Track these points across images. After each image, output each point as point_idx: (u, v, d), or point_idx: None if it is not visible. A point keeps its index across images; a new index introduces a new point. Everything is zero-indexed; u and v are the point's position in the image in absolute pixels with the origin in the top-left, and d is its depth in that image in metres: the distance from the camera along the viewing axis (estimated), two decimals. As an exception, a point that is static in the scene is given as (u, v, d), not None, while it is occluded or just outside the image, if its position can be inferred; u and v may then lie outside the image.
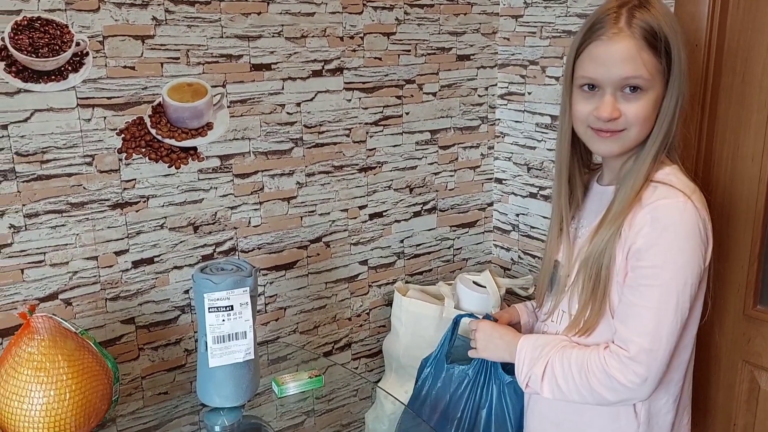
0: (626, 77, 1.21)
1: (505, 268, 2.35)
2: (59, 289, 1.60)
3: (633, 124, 1.24)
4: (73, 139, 1.55)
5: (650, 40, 1.20)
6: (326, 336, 2.07)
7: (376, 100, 1.98)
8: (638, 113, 1.23)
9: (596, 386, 1.27)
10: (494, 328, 1.50)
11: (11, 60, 1.45)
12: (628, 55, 1.20)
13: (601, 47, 1.22)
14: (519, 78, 2.16)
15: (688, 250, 1.22)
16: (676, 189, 1.24)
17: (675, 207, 1.22)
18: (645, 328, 1.23)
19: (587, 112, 1.27)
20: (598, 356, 1.28)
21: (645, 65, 1.21)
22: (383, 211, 2.08)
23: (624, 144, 1.27)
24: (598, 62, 1.23)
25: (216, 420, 1.48)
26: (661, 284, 1.22)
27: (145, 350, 1.75)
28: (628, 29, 1.20)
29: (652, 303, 1.22)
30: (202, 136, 1.71)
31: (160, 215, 1.70)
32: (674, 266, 1.21)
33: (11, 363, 1.33)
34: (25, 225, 1.53)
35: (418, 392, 1.67)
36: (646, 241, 1.22)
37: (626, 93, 1.23)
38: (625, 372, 1.24)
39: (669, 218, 1.21)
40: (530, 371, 1.35)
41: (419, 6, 1.99)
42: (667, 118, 1.25)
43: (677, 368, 1.34)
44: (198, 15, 1.65)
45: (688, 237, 1.22)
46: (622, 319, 1.27)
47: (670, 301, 1.22)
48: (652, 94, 1.23)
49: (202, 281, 1.44)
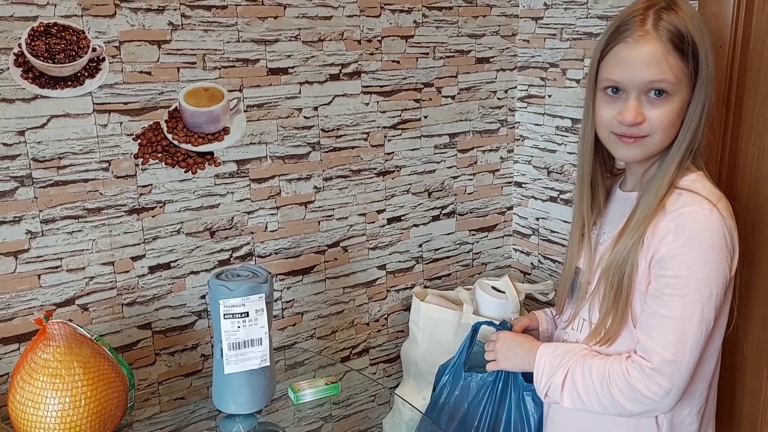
0: (651, 81, 1.18)
1: (525, 273, 2.32)
2: (76, 295, 1.60)
3: (657, 130, 1.22)
4: (89, 145, 1.55)
5: (677, 43, 1.17)
6: (344, 341, 2.05)
7: (394, 104, 1.96)
8: (663, 119, 1.20)
9: (618, 397, 1.24)
10: (513, 337, 1.48)
11: (28, 66, 1.45)
12: (654, 58, 1.17)
13: (626, 49, 1.20)
14: (539, 80, 2.13)
15: (714, 260, 1.19)
16: (701, 196, 1.21)
17: (700, 215, 1.19)
18: (668, 339, 1.20)
19: (611, 116, 1.24)
20: (620, 366, 1.25)
21: (671, 69, 1.18)
22: (402, 216, 2.07)
23: (647, 150, 1.25)
24: (623, 65, 1.20)
25: (232, 427, 1.48)
26: (686, 294, 1.19)
27: (161, 355, 1.75)
28: (655, 32, 1.17)
29: (676, 313, 1.19)
30: (219, 140, 1.71)
31: (176, 220, 1.69)
32: (699, 276, 1.18)
33: (27, 369, 1.33)
34: (41, 231, 1.53)
35: (435, 400, 1.65)
36: (670, 249, 1.19)
37: (651, 97, 1.20)
38: (648, 383, 1.21)
39: (694, 227, 1.18)
40: (550, 380, 1.33)
41: (437, 8, 1.97)
42: (692, 124, 1.22)
43: (701, 379, 1.31)
44: (214, 19, 1.64)
45: (714, 246, 1.18)
46: (645, 329, 1.24)
47: (695, 311, 1.19)
48: (677, 99, 1.20)
49: (218, 287, 1.44)
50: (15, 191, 1.49)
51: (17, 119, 1.46)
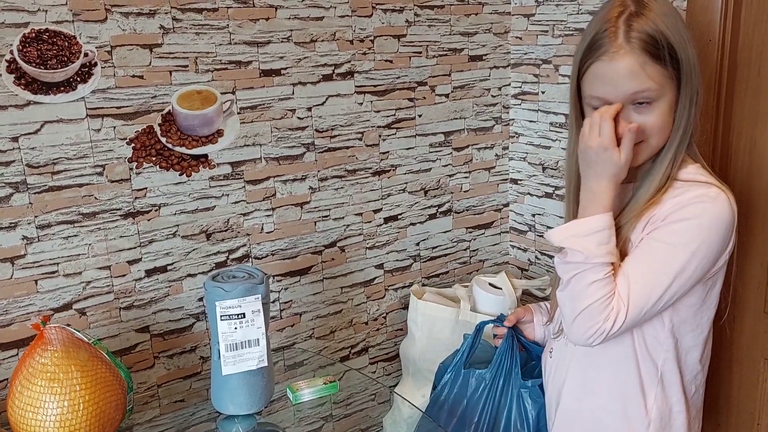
0: (634, 92, 1.20)
1: (522, 269, 2.33)
2: (73, 300, 1.61)
3: (652, 135, 1.23)
4: (83, 150, 1.55)
5: (652, 51, 1.18)
6: (343, 341, 2.06)
7: (388, 103, 1.97)
8: (655, 123, 1.22)
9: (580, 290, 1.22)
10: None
11: (20, 72, 1.46)
12: (632, 72, 1.18)
13: (604, 67, 1.20)
14: (532, 77, 2.14)
15: (710, 235, 1.20)
16: (707, 183, 1.23)
17: (708, 193, 1.20)
18: (642, 277, 1.20)
19: None
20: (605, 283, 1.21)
21: (651, 78, 1.19)
22: (398, 215, 2.07)
23: (647, 153, 1.26)
24: (604, 81, 1.21)
25: (231, 428, 1.49)
26: (665, 259, 1.20)
27: (160, 358, 1.75)
28: (627, 45, 1.18)
29: (658, 257, 1.20)
30: (213, 143, 1.71)
31: (172, 223, 1.70)
32: (688, 241, 1.19)
33: (25, 374, 1.33)
34: (37, 236, 1.54)
35: (436, 397, 1.65)
36: (673, 220, 1.20)
37: (638, 106, 1.21)
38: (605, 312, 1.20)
39: (700, 202, 1.20)
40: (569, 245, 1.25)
41: (429, 7, 1.98)
42: (683, 119, 1.23)
43: (689, 367, 1.32)
44: (206, 22, 1.64)
45: (714, 223, 1.20)
46: (628, 260, 1.23)
47: (671, 267, 1.19)
48: (664, 102, 1.21)
49: (214, 289, 1.44)
50: (10, 197, 1.49)
51: (10, 125, 1.47)
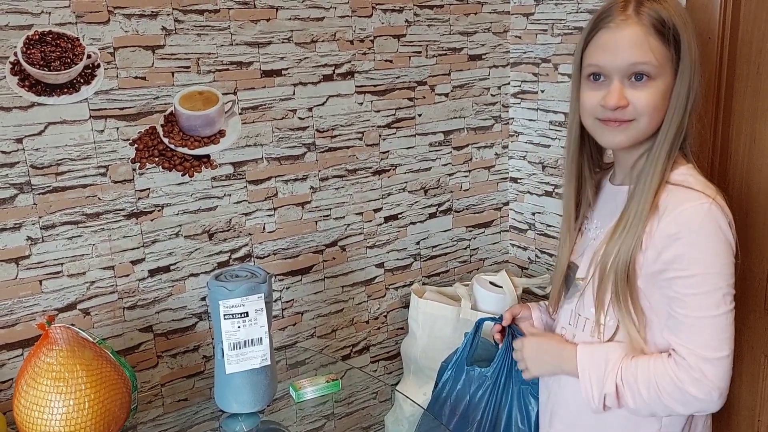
0: (634, 63, 1.19)
1: (523, 267, 2.34)
2: (77, 300, 1.62)
3: (642, 114, 1.22)
4: (86, 151, 1.56)
5: (658, 27, 1.18)
6: (344, 339, 2.07)
7: (388, 103, 1.98)
8: (648, 101, 1.20)
9: (668, 401, 1.23)
10: (539, 343, 1.44)
11: (24, 74, 1.47)
12: (636, 41, 1.18)
13: (608, 34, 1.21)
14: (531, 76, 2.15)
15: (722, 252, 1.19)
16: (696, 191, 1.21)
17: (701, 210, 1.18)
18: (703, 339, 1.20)
19: (594, 102, 1.24)
20: (665, 370, 1.23)
21: (653, 51, 1.18)
22: (398, 214, 2.08)
23: (633, 135, 1.24)
24: (605, 49, 1.21)
25: (234, 426, 1.50)
26: (707, 291, 1.19)
27: (163, 358, 1.77)
28: (636, 16, 1.19)
29: (702, 312, 1.19)
30: (215, 143, 1.72)
31: (174, 223, 1.71)
32: (713, 271, 1.18)
33: (31, 374, 1.34)
34: (42, 237, 1.55)
35: (438, 395, 1.66)
36: (679, 250, 1.19)
37: (634, 81, 1.21)
38: (698, 385, 1.20)
39: (697, 223, 1.18)
40: (603, 391, 1.29)
41: (429, 7, 1.99)
42: (678, 111, 1.22)
43: None
44: (207, 23, 1.66)
45: (719, 239, 1.19)
46: (676, 333, 1.23)
47: (719, 305, 1.19)
48: (660, 83, 1.21)
49: (217, 288, 1.45)
50: (14, 198, 1.50)
51: (15, 127, 1.48)
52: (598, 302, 1.31)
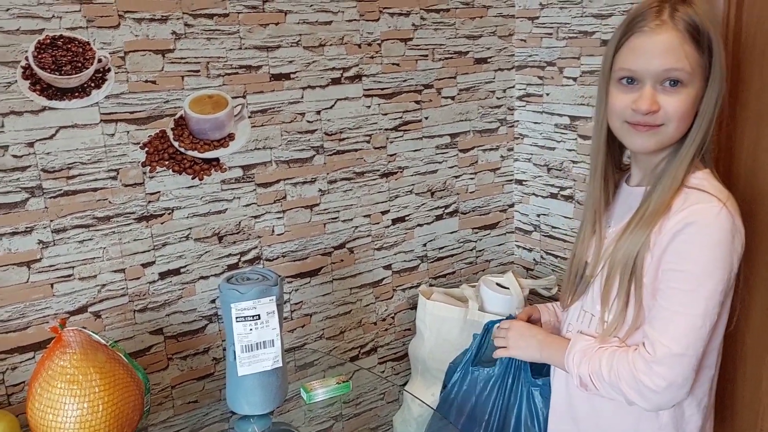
0: (668, 69, 1.19)
1: (528, 269, 2.35)
2: (88, 302, 1.63)
3: (672, 119, 1.22)
4: (97, 155, 1.57)
5: (693, 33, 1.19)
6: (352, 341, 2.08)
7: (395, 106, 1.99)
8: (678, 107, 1.21)
9: (624, 388, 1.26)
10: (528, 328, 1.50)
11: (35, 78, 1.48)
12: (671, 47, 1.19)
13: (642, 38, 1.21)
14: (537, 79, 2.16)
15: (720, 257, 1.20)
16: (710, 195, 1.22)
17: (709, 212, 1.20)
18: (673, 332, 1.21)
19: (624, 105, 1.25)
20: (626, 358, 1.26)
21: (687, 58, 1.19)
22: (405, 216, 2.09)
23: (660, 140, 1.25)
24: (639, 53, 1.21)
25: (246, 428, 1.50)
26: (691, 289, 1.21)
27: (174, 360, 1.77)
28: (672, 21, 1.19)
29: (681, 307, 1.21)
30: (224, 147, 1.73)
31: (184, 226, 1.72)
32: (705, 272, 1.20)
33: (45, 377, 1.35)
34: (53, 240, 1.56)
35: (446, 396, 1.67)
36: (678, 245, 1.21)
37: (666, 87, 1.21)
38: (651, 375, 1.22)
39: (702, 223, 1.20)
40: (578, 373, 1.34)
41: (435, 11, 2.00)
42: (706, 117, 1.23)
43: (703, 372, 1.32)
44: (217, 27, 1.67)
45: (721, 243, 1.20)
46: (650, 322, 1.26)
47: (699, 306, 1.20)
48: (691, 90, 1.21)
49: (229, 291, 1.46)
50: (26, 202, 1.51)
51: (26, 131, 1.49)
52: (604, 299, 1.33)
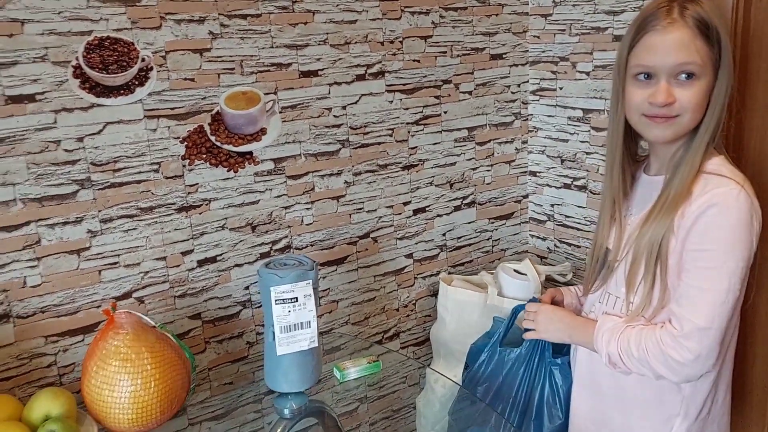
0: (681, 63, 1.28)
1: (542, 257, 2.44)
2: (132, 289, 1.72)
3: (687, 110, 1.31)
4: (141, 149, 1.66)
5: (703, 29, 1.28)
6: (376, 326, 2.17)
7: (416, 101, 2.08)
8: (692, 99, 1.30)
9: (653, 363, 1.34)
10: (555, 311, 1.58)
11: (85, 77, 1.57)
12: (683, 43, 1.28)
13: (656, 36, 1.30)
14: (550, 74, 2.25)
15: (740, 236, 1.28)
16: (728, 178, 1.30)
17: (729, 195, 1.28)
18: (698, 308, 1.29)
19: (642, 99, 1.34)
20: (654, 334, 1.34)
21: (698, 52, 1.28)
22: (426, 207, 2.19)
23: (677, 130, 1.34)
24: (654, 51, 1.30)
25: (284, 404, 1.59)
26: (715, 267, 1.29)
27: (210, 343, 1.86)
28: (682, 19, 1.28)
29: (705, 284, 1.29)
30: (257, 141, 1.82)
31: (221, 217, 1.81)
32: (726, 250, 1.28)
33: (100, 356, 1.44)
34: (101, 230, 1.65)
35: (473, 375, 1.75)
36: (701, 227, 1.29)
37: (680, 80, 1.30)
38: (678, 349, 1.30)
39: (723, 205, 1.28)
40: (607, 351, 1.41)
41: (453, 9, 2.09)
42: (718, 106, 1.32)
43: (722, 348, 1.37)
44: (250, 27, 1.75)
45: (740, 223, 1.28)
46: (676, 300, 1.34)
47: (722, 282, 1.28)
48: (704, 82, 1.30)
49: (268, 276, 1.54)
50: (76, 194, 1.60)
51: (77, 127, 1.58)
52: (630, 282, 1.41)
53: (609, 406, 1.52)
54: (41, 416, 1.42)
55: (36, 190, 1.55)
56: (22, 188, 1.54)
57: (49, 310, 1.62)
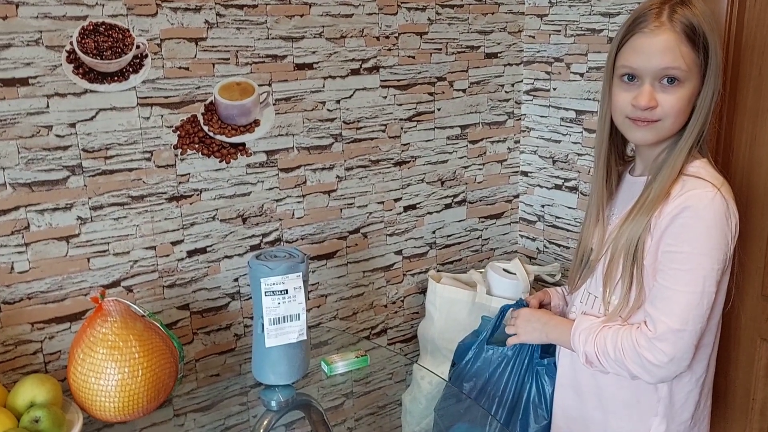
0: (665, 67, 1.29)
1: (531, 258, 2.44)
2: (121, 277, 1.71)
3: (668, 115, 1.32)
4: (133, 136, 1.65)
5: (690, 34, 1.28)
6: (364, 322, 2.17)
7: (409, 97, 2.08)
8: (674, 104, 1.31)
9: (628, 363, 1.35)
10: (533, 313, 1.59)
11: (79, 62, 1.55)
12: (668, 47, 1.28)
13: (643, 39, 1.30)
14: (544, 74, 2.26)
15: (715, 238, 1.29)
16: (705, 181, 1.31)
17: (705, 197, 1.29)
18: (673, 310, 1.30)
19: (626, 101, 1.35)
20: (630, 335, 1.35)
21: (683, 57, 1.28)
22: (417, 204, 2.19)
23: (658, 134, 1.35)
24: (639, 52, 1.31)
25: (272, 396, 1.58)
26: (689, 268, 1.29)
27: (198, 335, 1.86)
28: (670, 23, 1.28)
29: (679, 286, 1.30)
30: (250, 132, 1.81)
31: (212, 207, 1.80)
32: (702, 252, 1.29)
33: (87, 343, 1.43)
34: (90, 217, 1.63)
35: (459, 372, 1.75)
36: (676, 228, 1.30)
37: (664, 84, 1.31)
38: (653, 351, 1.31)
39: (698, 207, 1.28)
40: (584, 350, 1.42)
41: (450, 6, 2.09)
42: (703, 112, 1.33)
43: (702, 350, 1.40)
44: (246, 18, 1.75)
45: (716, 225, 1.29)
46: (651, 300, 1.34)
47: (697, 284, 1.29)
48: (688, 87, 1.31)
49: (259, 267, 1.54)
50: (67, 180, 1.59)
51: (69, 112, 1.56)
52: (607, 281, 1.42)
53: (590, 405, 1.53)
54: (26, 403, 1.41)
55: (26, 175, 1.54)
56: (12, 173, 1.53)
57: (36, 296, 1.60)
